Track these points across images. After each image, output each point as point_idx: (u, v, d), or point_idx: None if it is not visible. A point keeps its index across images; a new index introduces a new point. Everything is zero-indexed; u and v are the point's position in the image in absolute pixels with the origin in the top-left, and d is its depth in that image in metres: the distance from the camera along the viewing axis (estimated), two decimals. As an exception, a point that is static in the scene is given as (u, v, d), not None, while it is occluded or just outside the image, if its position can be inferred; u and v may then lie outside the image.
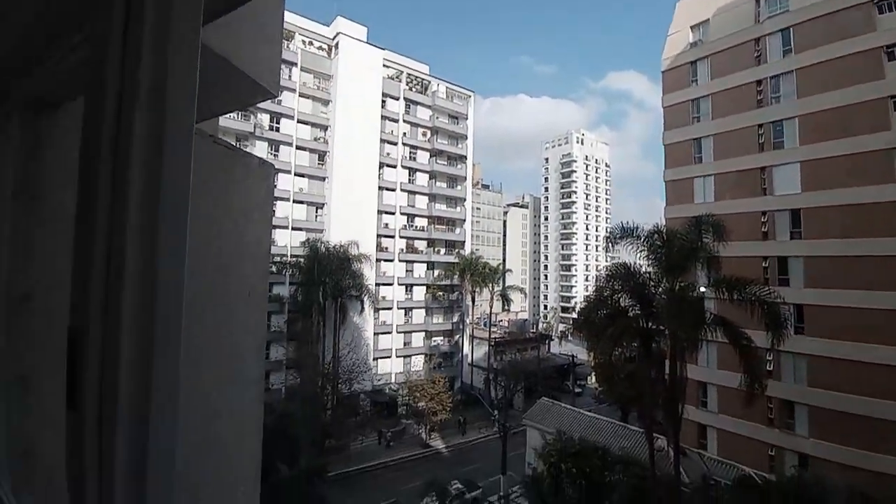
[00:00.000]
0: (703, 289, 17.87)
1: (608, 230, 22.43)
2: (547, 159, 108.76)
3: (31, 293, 1.18)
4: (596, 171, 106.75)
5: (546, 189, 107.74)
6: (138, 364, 0.47)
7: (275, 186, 2.42)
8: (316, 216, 41.19)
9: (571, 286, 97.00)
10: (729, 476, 20.62)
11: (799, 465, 22.39)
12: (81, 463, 0.47)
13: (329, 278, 34.90)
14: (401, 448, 34.23)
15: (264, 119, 38.70)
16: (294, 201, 39.19)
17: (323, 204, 41.24)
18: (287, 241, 37.79)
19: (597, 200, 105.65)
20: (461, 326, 48.82)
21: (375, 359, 41.46)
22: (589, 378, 48.92)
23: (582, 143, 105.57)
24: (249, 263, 2.01)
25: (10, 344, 1.15)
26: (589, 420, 27.12)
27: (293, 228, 38.53)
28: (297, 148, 40.13)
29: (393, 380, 41.63)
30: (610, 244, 18.97)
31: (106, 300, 0.47)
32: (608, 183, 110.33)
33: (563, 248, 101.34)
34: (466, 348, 48.44)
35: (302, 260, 36.60)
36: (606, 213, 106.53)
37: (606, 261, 63.38)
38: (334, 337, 35.93)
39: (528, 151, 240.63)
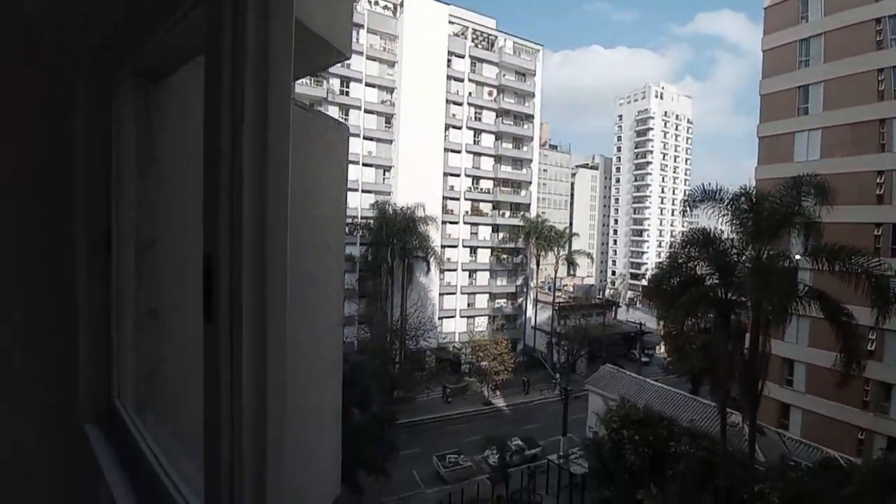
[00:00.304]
0: (797, 257, 16.21)
1: (687, 193, 20.81)
2: (620, 116, 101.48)
3: (155, 240, 1.39)
4: (676, 129, 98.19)
5: (618, 149, 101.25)
6: (256, 284, 0.56)
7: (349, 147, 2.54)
8: (384, 178, 42.22)
9: (642, 252, 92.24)
10: (811, 458, 19.31)
11: (886, 448, 20.49)
12: (217, 364, 0.56)
13: (396, 239, 36.13)
14: (463, 403, 35.66)
15: (335, 84, 39.60)
16: (363, 164, 40.33)
17: (390, 167, 42.07)
18: (357, 203, 39.30)
19: (675, 161, 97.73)
20: (525, 289, 48.69)
21: (440, 318, 42.80)
22: (657, 348, 47.18)
23: (661, 98, 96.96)
24: (328, 220, 2.15)
25: (141, 282, 1.36)
26: (655, 390, 26.35)
27: (363, 191, 39.88)
28: (366, 111, 40.83)
29: (457, 339, 42.91)
30: (688, 208, 17.65)
31: (231, 233, 0.54)
32: (689, 141, 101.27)
33: (634, 213, 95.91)
34: (530, 311, 48.43)
35: (371, 221, 38.07)
36: (686, 174, 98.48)
37: (683, 226, 59.30)
38: (402, 295, 37.53)
39: (600, 108, 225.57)
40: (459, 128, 45.08)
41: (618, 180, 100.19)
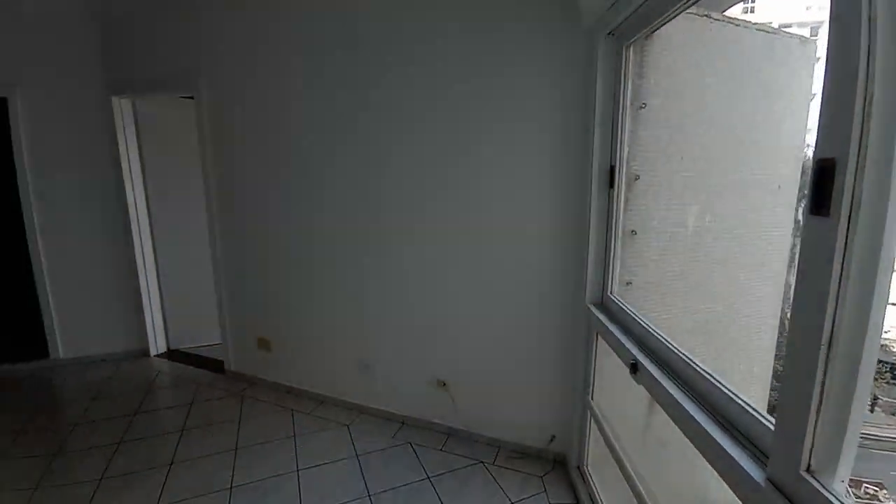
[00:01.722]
0: None
1: None
2: None
3: (638, 175, 1.67)
4: None
5: None
6: (877, 186, 0.61)
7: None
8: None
9: None
10: None
11: None
12: (830, 255, 0.65)
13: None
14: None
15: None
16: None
17: (813, 95, 32.05)
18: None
19: None
20: None
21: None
22: None
23: None
24: (784, 151, 1.95)
25: (627, 208, 1.69)
26: None
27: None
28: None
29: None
30: None
31: (859, 140, 0.61)
32: None
33: None
34: None
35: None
36: None
37: None
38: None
39: None
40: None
41: None
